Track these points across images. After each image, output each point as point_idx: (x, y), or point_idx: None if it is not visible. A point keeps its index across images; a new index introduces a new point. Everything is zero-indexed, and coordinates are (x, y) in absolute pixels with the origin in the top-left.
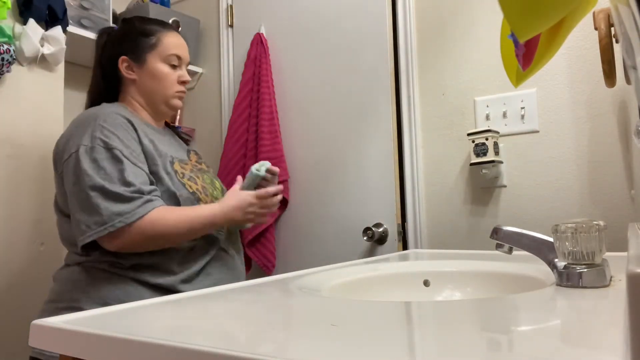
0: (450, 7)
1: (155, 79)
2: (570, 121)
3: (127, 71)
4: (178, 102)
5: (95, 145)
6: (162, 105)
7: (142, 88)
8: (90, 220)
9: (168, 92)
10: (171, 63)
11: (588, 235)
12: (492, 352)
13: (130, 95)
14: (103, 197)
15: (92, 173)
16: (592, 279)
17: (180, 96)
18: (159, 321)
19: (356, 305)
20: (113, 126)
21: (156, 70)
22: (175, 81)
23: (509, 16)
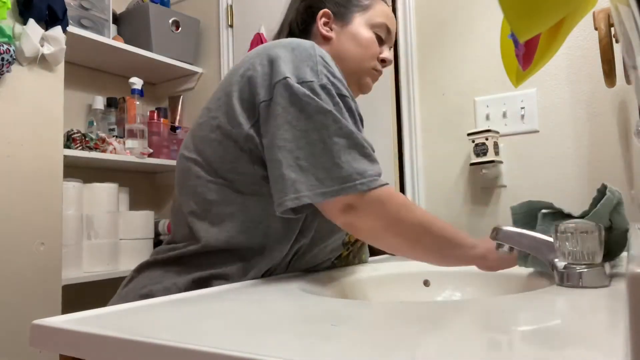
0: (450, 6)
1: (356, 44)
2: (570, 121)
3: (324, 27)
4: (369, 83)
5: (325, 84)
6: (353, 77)
7: (337, 50)
8: (324, 174)
9: (365, 64)
10: (378, 34)
11: (588, 235)
12: (492, 352)
13: None
14: (348, 148)
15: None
16: (592, 279)
17: (375, 76)
18: (159, 321)
19: (356, 305)
20: (334, 65)
21: (361, 34)
22: (376, 54)
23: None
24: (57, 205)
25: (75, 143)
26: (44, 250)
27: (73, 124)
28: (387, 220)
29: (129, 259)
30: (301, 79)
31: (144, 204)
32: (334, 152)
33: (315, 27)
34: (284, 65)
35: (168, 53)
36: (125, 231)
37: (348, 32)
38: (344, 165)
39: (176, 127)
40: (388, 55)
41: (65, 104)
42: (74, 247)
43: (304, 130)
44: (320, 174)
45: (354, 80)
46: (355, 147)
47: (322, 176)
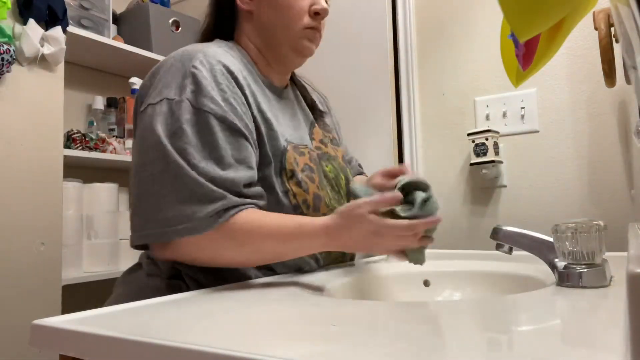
0: (450, 7)
1: (277, 8)
2: (570, 121)
3: (243, 1)
4: (307, 44)
5: (182, 99)
6: (285, 46)
7: (259, 23)
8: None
9: (293, 28)
10: None
11: (588, 235)
12: (492, 352)
13: (246, 35)
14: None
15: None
16: (592, 279)
17: (312, 35)
18: (159, 321)
19: (356, 305)
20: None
21: None
22: (303, 11)
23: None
24: (57, 205)
25: (75, 143)
26: (44, 250)
27: (73, 124)
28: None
29: (129, 259)
30: (163, 96)
31: None
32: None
33: (235, 2)
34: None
35: (168, 53)
36: (125, 231)
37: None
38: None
39: None
40: (321, 5)
41: (65, 104)
42: (74, 247)
43: (139, 168)
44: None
45: (288, 48)
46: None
47: (147, 217)
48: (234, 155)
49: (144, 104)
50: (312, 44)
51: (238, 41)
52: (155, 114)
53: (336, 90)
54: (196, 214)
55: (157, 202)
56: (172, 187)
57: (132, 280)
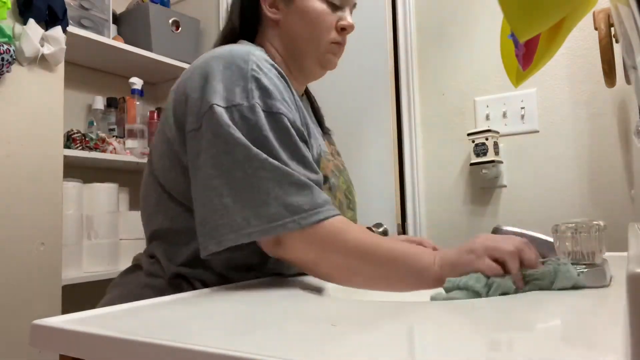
0: (450, 7)
1: (306, 21)
2: (570, 121)
3: (269, 9)
4: (331, 58)
5: (254, 104)
6: (310, 59)
7: (286, 33)
8: (250, 213)
9: (321, 41)
10: (330, 0)
11: (588, 235)
12: (492, 352)
13: (270, 43)
14: (276, 182)
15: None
16: (592, 279)
17: (336, 50)
18: (159, 321)
19: (356, 305)
20: (269, 78)
21: (308, 7)
22: (331, 26)
23: (509, 16)
24: (57, 205)
25: (75, 143)
26: (44, 250)
27: (73, 124)
28: (316, 255)
29: (129, 259)
30: (230, 102)
31: None
32: (260, 188)
33: (262, 10)
34: (214, 88)
35: (168, 53)
36: (125, 231)
37: (295, 8)
38: (272, 202)
39: None
40: (347, 21)
41: (65, 104)
42: (74, 247)
43: (228, 168)
44: (246, 213)
45: (314, 61)
46: (284, 178)
47: (248, 215)
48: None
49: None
50: (336, 57)
51: (261, 46)
52: (227, 118)
53: (336, 90)
54: (299, 207)
55: (262, 199)
56: (273, 184)
57: (130, 281)
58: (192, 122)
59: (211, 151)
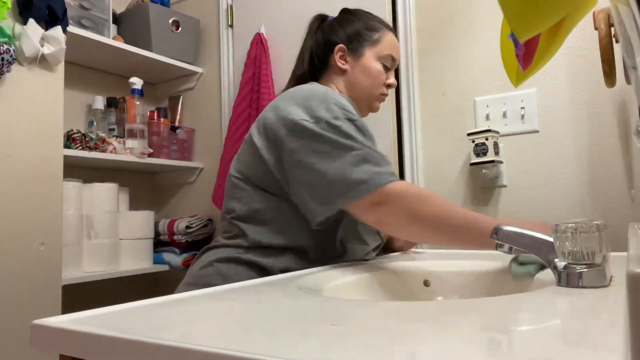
0: (450, 7)
1: (367, 75)
2: (570, 121)
3: (340, 60)
4: (378, 105)
5: (338, 115)
6: (363, 103)
7: (350, 81)
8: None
9: (374, 92)
10: (385, 63)
11: (588, 235)
12: (492, 352)
13: (335, 84)
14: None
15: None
16: (592, 279)
17: (382, 100)
18: (159, 321)
19: (356, 305)
20: (346, 104)
21: (371, 67)
22: (383, 82)
23: (509, 16)
24: (57, 205)
25: (75, 143)
26: (44, 250)
27: (73, 124)
28: (408, 212)
29: (129, 259)
30: (315, 116)
31: (144, 204)
32: (352, 165)
33: (332, 59)
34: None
35: (168, 53)
36: (125, 231)
37: (360, 64)
38: (361, 171)
39: (176, 127)
40: (392, 81)
41: (65, 104)
42: (74, 247)
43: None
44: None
45: (365, 104)
46: (367, 157)
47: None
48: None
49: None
50: (380, 104)
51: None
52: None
53: None
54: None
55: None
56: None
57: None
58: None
59: (307, 148)
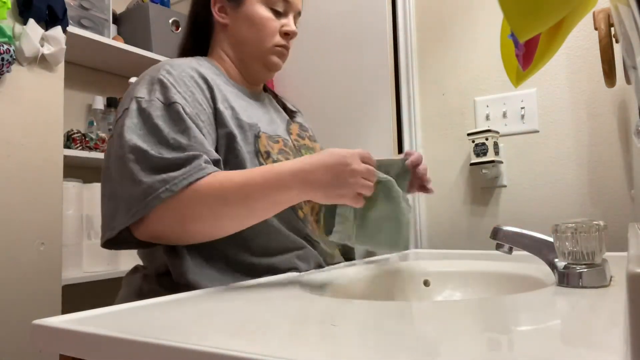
0: (451, 7)
1: (251, 25)
2: (570, 121)
3: (219, 13)
4: (276, 60)
5: (153, 99)
6: (256, 61)
7: (234, 37)
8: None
9: (264, 45)
10: (274, 7)
11: (588, 235)
12: (492, 352)
13: (220, 47)
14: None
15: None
16: (592, 279)
17: (280, 52)
18: (159, 321)
19: (356, 305)
20: (175, 78)
21: (254, 13)
22: (275, 31)
23: (509, 16)
24: (57, 205)
25: (75, 143)
26: (44, 250)
27: (73, 124)
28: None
29: (129, 259)
30: (135, 95)
31: None
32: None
33: (212, 16)
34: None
35: (168, 53)
36: None
37: (242, 13)
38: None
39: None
40: (291, 27)
41: (65, 104)
42: (74, 247)
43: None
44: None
45: (259, 62)
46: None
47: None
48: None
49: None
50: (280, 60)
51: (212, 55)
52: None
53: (336, 90)
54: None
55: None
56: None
57: (131, 282)
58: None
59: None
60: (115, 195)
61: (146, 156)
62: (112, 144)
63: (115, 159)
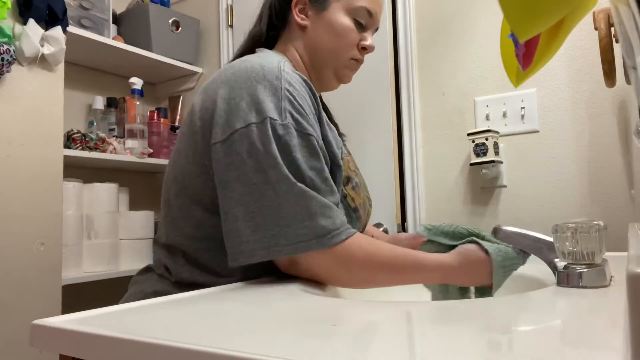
0: (450, 7)
1: (332, 32)
2: (570, 121)
3: (299, 14)
4: (348, 74)
5: (288, 123)
6: (329, 70)
7: (311, 41)
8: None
9: (342, 55)
10: (358, 19)
11: (588, 235)
12: (492, 352)
13: (293, 46)
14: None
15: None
16: (592, 279)
17: (354, 66)
18: (159, 321)
19: (356, 305)
20: (301, 96)
21: (337, 21)
22: (354, 43)
23: (509, 16)
24: (57, 205)
25: (75, 143)
26: (44, 250)
27: (73, 124)
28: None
29: (129, 259)
30: (263, 116)
31: (144, 204)
32: (289, 209)
33: (291, 15)
34: (245, 103)
35: (168, 53)
36: (125, 231)
37: (324, 18)
38: (299, 223)
39: (176, 127)
40: (369, 42)
41: (65, 104)
42: (74, 247)
43: (259, 187)
44: (275, 231)
45: (331, 72)
46: (310, 202)
47: (276, 233)
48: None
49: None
50: (352, 73)
51: (282, 51)
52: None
53: (336, 90)
54: (324, 229)
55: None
56: (301, 207)
57: (145, 280)
58: (218, 134)
59: (243, 168)
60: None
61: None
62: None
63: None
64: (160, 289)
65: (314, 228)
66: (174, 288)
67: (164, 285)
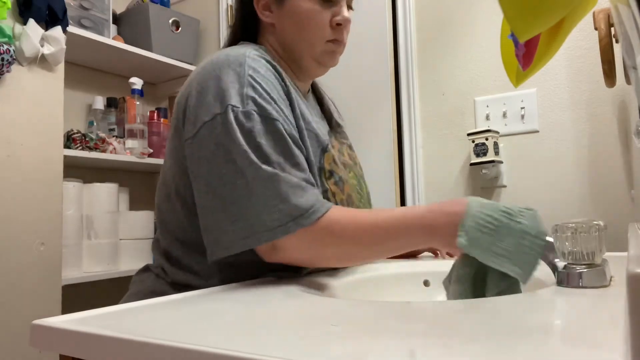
0: (450, 7)
1: (297, 21)
2: (570, 121)
3: (262, 12)
4: (330, 56)
5: (249, 110)
6: (308, 59)
7: (280, 35)
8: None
9: (314, 42)
10: None
11: (588, 235)
12: (492, 352)
13: (268, 43)
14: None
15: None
16: (592, 279)
17: (333, 49)
18: (159, 321)
19: (356, 305)
20: (266, 81)
21: (298, 8)
22: (324, 24)
23: (509, 16)
24: (57, 205)
25: (75, 143)
26: (44, 250)
27: (73, 124)
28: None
29: (129, 259)
30: (225, 105)
31: (144, 204)
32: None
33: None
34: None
35: (168, 53)
36: (125, 231)
37: (286, 10)
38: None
39: None
40: (341, 17)
41: (65, 104)
42: (74, 247)
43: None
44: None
45: (310, 60)
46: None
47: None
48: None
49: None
50: (335, 54)
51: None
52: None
53: (336, 90)
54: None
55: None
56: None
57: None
58: (190, 130)
59: (214, 160)
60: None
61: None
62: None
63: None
64: (158, 289)
65: (288, 210)
66: (171, 288)
67: (161, 285)
